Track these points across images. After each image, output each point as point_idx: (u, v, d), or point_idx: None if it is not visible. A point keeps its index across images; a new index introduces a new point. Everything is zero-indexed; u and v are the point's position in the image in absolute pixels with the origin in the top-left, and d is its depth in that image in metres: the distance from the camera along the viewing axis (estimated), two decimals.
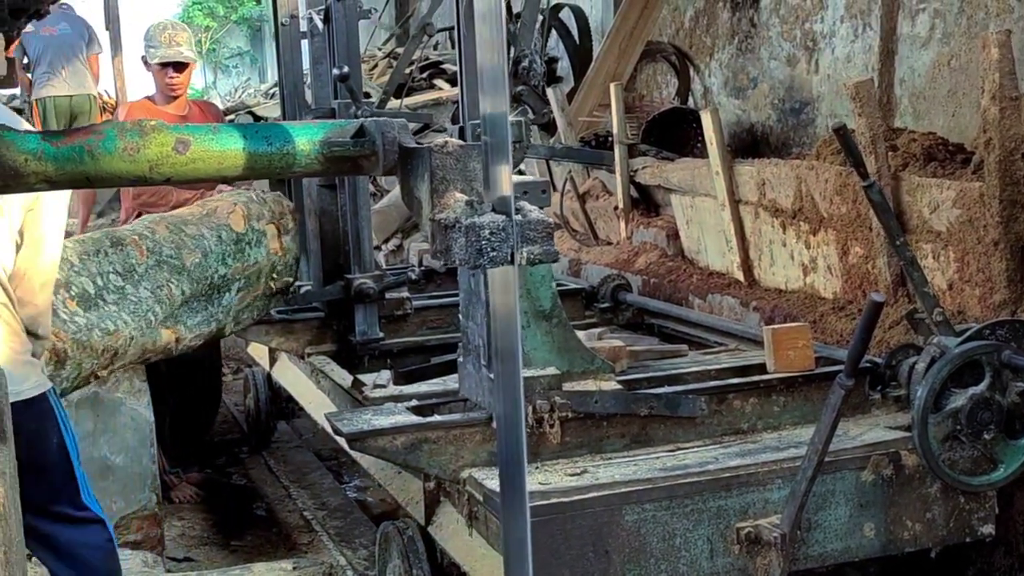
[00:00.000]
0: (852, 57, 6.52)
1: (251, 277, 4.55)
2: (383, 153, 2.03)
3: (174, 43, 5.40)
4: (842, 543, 3.25)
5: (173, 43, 5.40)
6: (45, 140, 1.95)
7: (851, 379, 3.05)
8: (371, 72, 11.36)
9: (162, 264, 4.13)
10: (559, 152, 6.94)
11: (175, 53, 5.38)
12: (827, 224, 4.82)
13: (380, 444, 3.30)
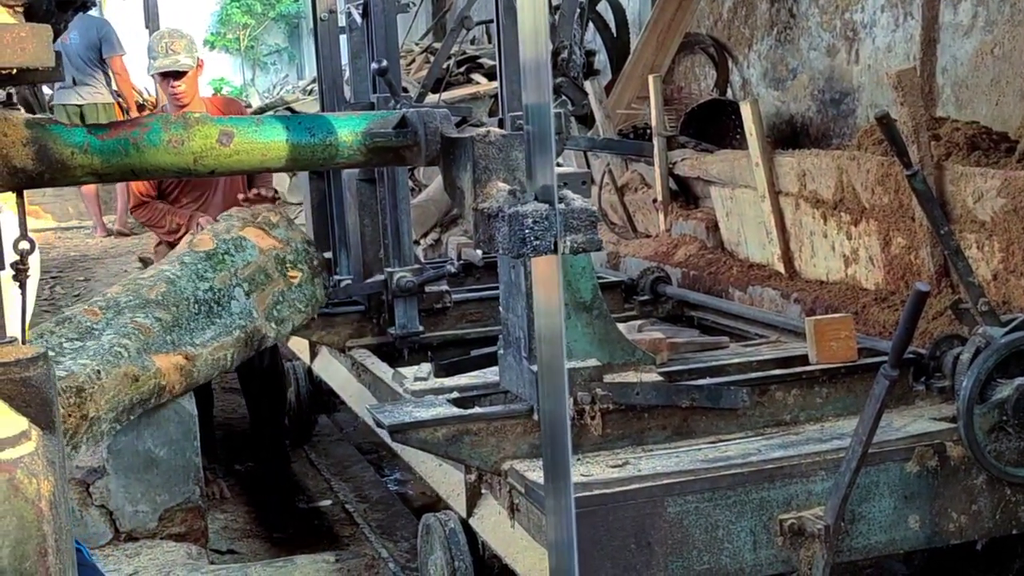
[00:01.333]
0: (893, 46, 6.46)
1: (256, 277, 4.52)
2: (425, 143, 2.04)
3: (171, 51, 5.36)
4: (886, 535, 3.22)
5: (170, 52, 5.36)
6: (91, 133, 1.97)
7: (895, 370, 3.02)
8: (408, 67, 11.37)
9: (122, 311, 4.06)
10: (598, 143, 6.93)
11: (171, 63, 5.34)
12: (869, 215, 4.78)
13: (421, 436, 3.31)
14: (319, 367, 5.77)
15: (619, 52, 8.70)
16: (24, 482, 1.40)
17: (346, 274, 5.47)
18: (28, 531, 1.40)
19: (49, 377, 1.71)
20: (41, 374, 1.70)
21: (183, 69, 5.34)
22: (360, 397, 4.87)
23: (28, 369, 1.68)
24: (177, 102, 5.43)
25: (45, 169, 1.95)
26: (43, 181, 1.98)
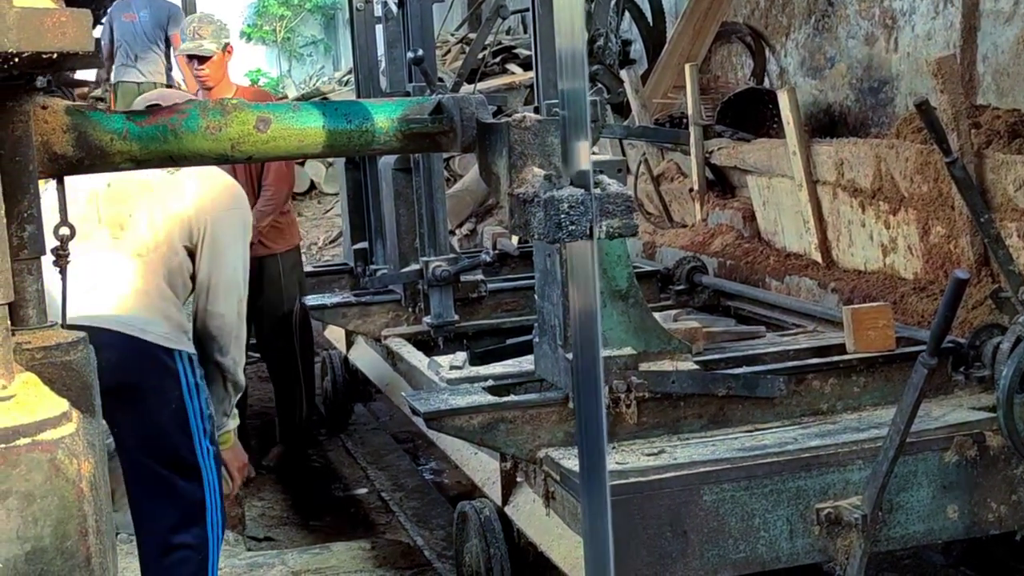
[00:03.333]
0: (933, 34, 6.40)
1: None
2: (461, 129, 2.04)
3: (197, 36, 5.43)
4: (925, 525, 3.20)
5: (196, 36, 5.43)
6: (130, 120, 1.98)
7: (934, 358, 2.99)
8: (444, 57, 11.38)
9: None
10: (635, 131, 6.90)
11: (195, 47, 5.40)
12: (907, 203, 4.74)
13: (457, 423, 3.31)
14: (355, 356, 5.79)
15: (655, 41, 8.66)
16: (65, 462, 1.41)
17: (382, 263, 5.49)
18: (69, 511, 1.41)
19: (89, 361, 1.73)
20: (81, 358, 1.72)
21: (205, 54, 5.39)
22: (396, 386, 4.90)
23: (69, 353, 1.70)
24: (202, 84, 5.50)
25: (85, 156, 1.97)
26: (83, 168, 2.00)
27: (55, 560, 1.41)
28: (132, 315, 3.10)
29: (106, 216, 3.20)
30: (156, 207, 3.22)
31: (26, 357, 1.65)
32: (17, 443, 1.40)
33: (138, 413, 3.12)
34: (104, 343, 3.02)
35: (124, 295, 3.12)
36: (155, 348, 3.11)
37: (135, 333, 3.09)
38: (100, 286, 3.10)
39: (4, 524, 1.38)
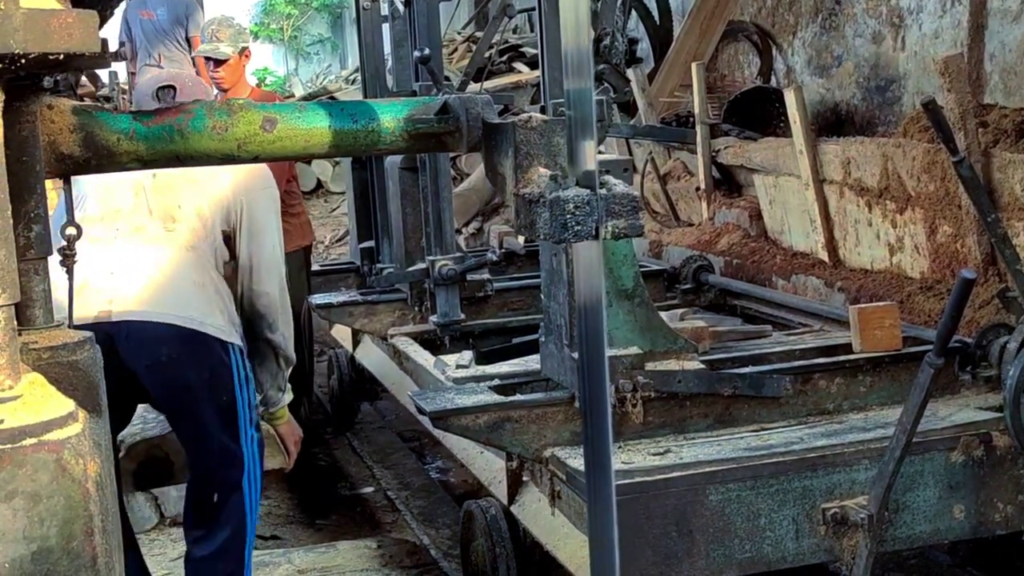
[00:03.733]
0: (940, 33, 6.39)
1: None
2: (467, 129, 2.04)
3: (215, 39, 5.48)
4: (931, 525, 3.19)
5: (214, 39, 5.48)
6: (136, 120, 1.99)
7: (941, 358, 2.99)
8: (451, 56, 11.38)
9: None
10: (641, 130, 6.90)
11: (211, 49, 5.45)
12: (914, 202, 4.73)
13: (463, 423, 3.32)
14: (361, 355, 5.80)
15: (662, 40, 8.65)
16: (71, 462, 1.42)
17: (388, 262, 5.49)
18: (75, 511, 1.42)
19: (95, 361, 1.74)
20: (88, 358, 1.72)
21: (221, 57, 5.42)
22: (402, 385, 4.90)
23: (75, 353, 1.71)
24: (218, 86, 5.52)
25: (92, 156, 1.97)
26: (89, 168, 2.00)
27: (61, 560, 1.41)
28: (191, 308, 3.16)
29: (156, 208, 3.24)
30: (201, 196, 3.28)
31: (33, 357, 1.65)
32: (23, 443, 1.41)
33: (189, 409, 3.19)
34: (162, 336, 3.11)
35: (182, 288, 3.18)
36: (213, 341, 3.18)
37: (194, 326, 3.14)
38: (157, 279, 3.16)
39: (10, 524, 1.38)
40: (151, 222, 3.23)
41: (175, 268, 3.19)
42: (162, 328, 3.10)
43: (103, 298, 3.11)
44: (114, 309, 3.10)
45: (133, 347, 3.10)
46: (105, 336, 3.08)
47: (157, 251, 3.20)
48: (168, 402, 3.22)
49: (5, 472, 1.38)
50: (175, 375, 3.13)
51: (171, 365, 3.12)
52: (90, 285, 3.11)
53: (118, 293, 3.11)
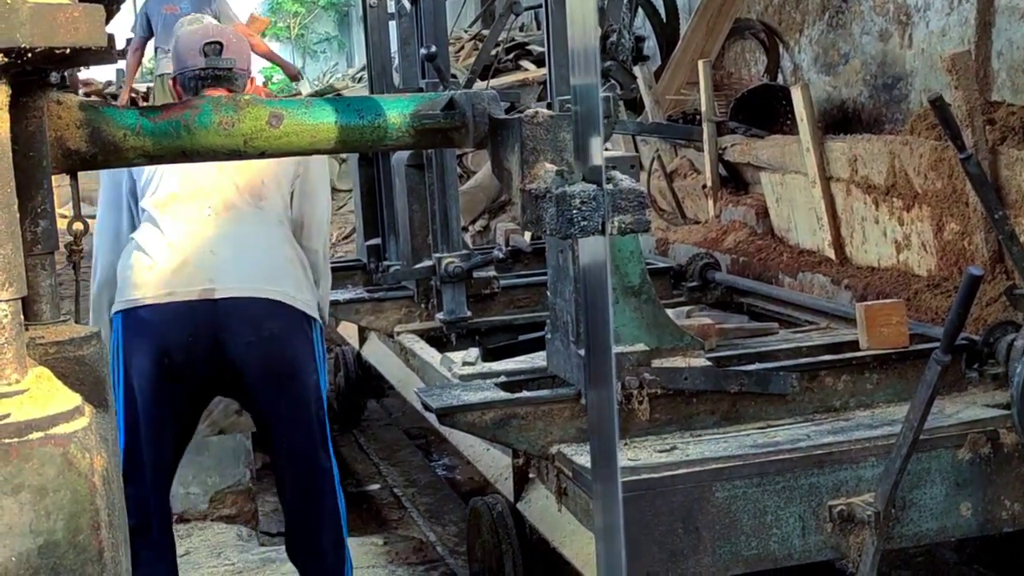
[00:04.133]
0: (947, 30, 6.37)
1: None
2: (473, 125, 2.03)
3: None
4: (938, 522, 3.19)
5: None
6: (143, 116, 1.99)
7: (947, 355, 2.98)
8: (457, 54, 11.37)
9: None
10: (648, 127, 6.89)
11: None
12: (921, 200, 4.72)
13: (469, 419, 3.32)
14: (368, 352, 5.80)
15: (668, 38, 8.65)
16: (77, 456, 1.42)
17: (395, 259, 5.49)
18: (81, 504, 1.42)
19: (102, 356, 1.74)
20: (94, 353, 1.72)
21: None
22: (408, 382, 4.90)
23: (82, 348, 1.71)
24: None
25: (98, 151, 1.97)
26: (96, 163, 2.00)
27: (68, 554, 1.41)
28: (285, 283, 3.23)
29: (243, 185, 3.28)
30: (279, 169, 3.33)
31: (39, 352, 1.65)
32: (30, 437, 1.41)
33: (288, 386, 3.24)
34: (265, 312, 3.16)
35: (277, 264, 3.25)
36: (302, 316, 3.27)
37: (289, 301, 3.22)
38: (254, 255, 3.22)
39: (17, 518, 1.38)
40: (240, 199, 3.27)
41: (269, 244, 3.27)
42: (265, 304, 3.18)
43: (205, 277, 3.16)
44: (217, 287, 3.16)
45: (236, 324, 3.16)
46: (208, 315, 3.13)
47: (251, 228, 3.26)
48: (269, 380, 3.23)
49: (12, 466, 1.38)
50: (279, 351, 3.19)
51: (274, 341, 3.19)
52: (191, 264, 3.16)
53: (219, 271, 3.17)
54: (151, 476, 3.20)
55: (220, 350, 3.17)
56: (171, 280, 3.14)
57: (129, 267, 3.20)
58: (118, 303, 3.22)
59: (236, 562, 4.13)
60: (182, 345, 3.15)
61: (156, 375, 3.16)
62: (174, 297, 3.14)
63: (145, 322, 3.15)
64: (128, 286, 3.19)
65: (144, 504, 3.20)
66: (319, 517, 3.34)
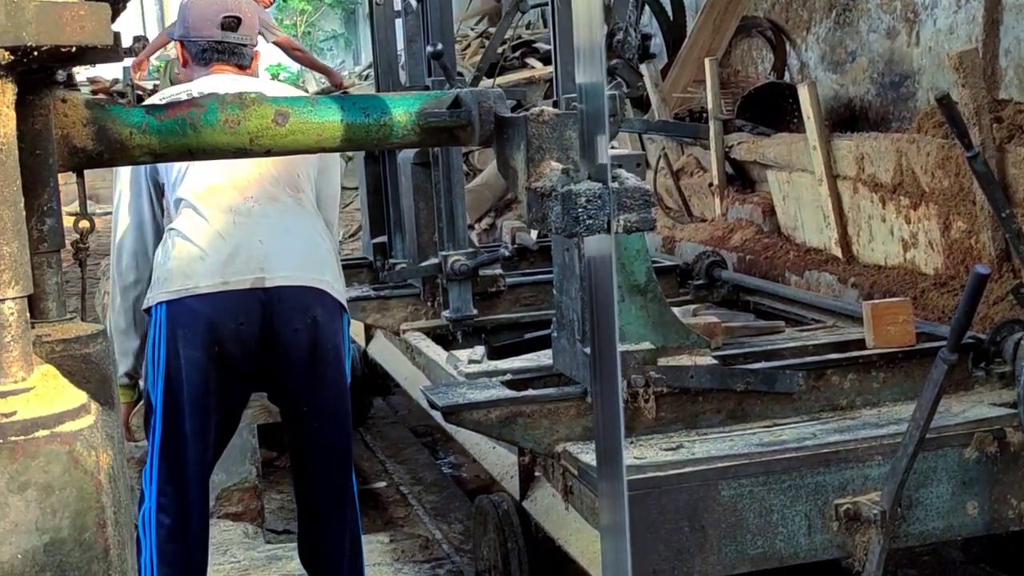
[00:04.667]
0: (955, 28, 6.36)
1: None
2: (479, 123, 2.03)
3: None
4: (944, 521, 3.18)
5: None
6: (149, 114, 1.99)
7: (954, 354, 2.98)
8: (464, 52, 11.37)
9: None
10: (654, 126, 6.89)
11: None
12: (928, 198, 4.71)
13: (475, 417, 3.32)
14: (374, 350, 5.80)
15: (675, 35, 8.64)
16: (83, 454, 1.42)
17: (401, 258, 5.49)
18: (87, 502, 1.42)
19: (108, 354, 1.74)
20: (100, 351, 1.73)
21: None
22: (414, 380, 4.90)
23: (88, 346, 1.71)
24: None
25: (104, 149, 1.97)
26: (102, 161, 2.00)
27: (73, 551, 1.41)
28: (327, 272, 3.27)
29: (281, 177, 3.30)
30: (308, 162, 3.35)
31: (45, 350, 1.66)
32: (36, 435, 1.41)
33: (331, 373, 3.27)
34: (313, 300, 3.20)
35: (319, 253, 3.28)
36: (340, 306, 3.30)
37: (329, 289, 3.25)
38: (300, 245, 3.25)
39: (23, 515, 1.39)
40: (280, 191, 3.29)
41: (311, 234, 3.30)
42: (311, 292, 3.21)
43: (256, 265, 3.18)
44: (267, 275, 3.18)
45: (287, 311, 3.18)
46: (259, 303, 3.15)
47: (294, 219, 3.28)
48: (314, 367, 3.24)
49: (18, 463, 1.39)
50: (325, 338, 3.22)
51: (320, 328, 3.22)
52: (242, 253, 3.18)
53: (269, 260, 3.19)
54: (194, 472, 3.19)
55: (268, 338, 3.18)
56: (223, 270, 3.15)
57: (173, 258, 3.18)
58: (161, 293, 3.18)
59: (242, 560, 4.14)
60: (232, 333, 3.16)
61: (206, 365, 3.15)
62: (227, 286, 3.14)
63: (196, 311, 3.14)
64: (174, 276, 3.17)
65: (186, 501, 3.19)
66: (342, 520, 3.33)
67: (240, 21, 3.27)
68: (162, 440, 3.15)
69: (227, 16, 3.23)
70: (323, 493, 3.35)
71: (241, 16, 3.28)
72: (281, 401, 3.38)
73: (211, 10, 3.32)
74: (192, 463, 3.18)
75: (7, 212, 1.47)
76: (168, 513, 3.18)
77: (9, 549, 1.38)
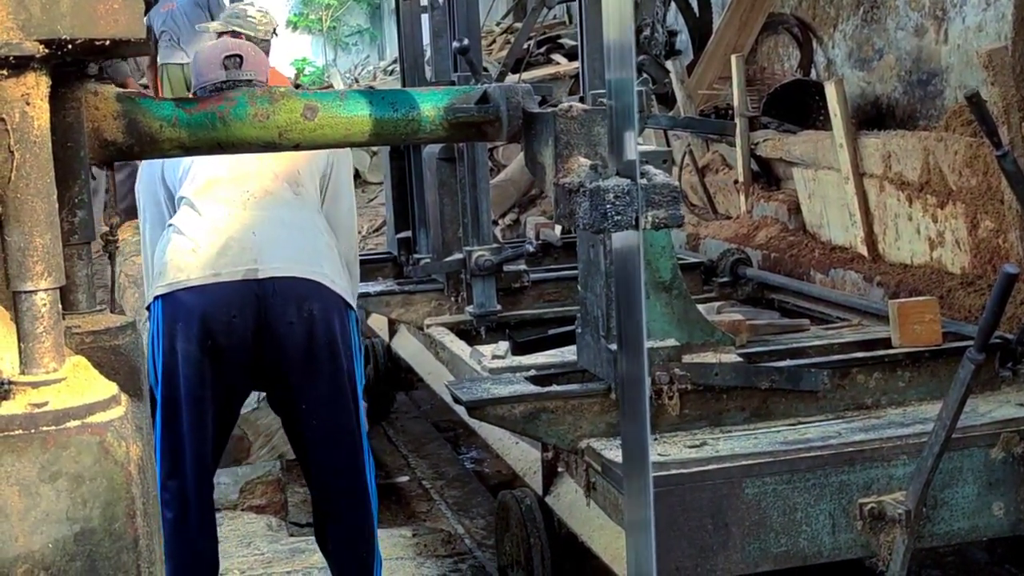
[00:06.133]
0: (984, 25, 6.31)
1: None
2: (507, 118, 2.03)
3: None
4: (969, 522, 3.17)
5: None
6: (179, 107, 2.00)
7: (981, 353, 2.96)
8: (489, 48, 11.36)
9: None
10: (681, 122, 6.87)
11: (241, 10, 5.48)
12: (956, 197, 4.69)
13: (499, 412, 3.32)
14: (398, 345, 5.82)
15: (701, 32, 8.61)
16: (114, 445, 1.43)
17: (425, 253, 5.50)
18: (117, 493, 1.43)
19: (137, 346, 1.75)
20: (130, 342, 1.74)
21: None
22: (438, 375, 4.91)
23: (117, 337, 1.72)
24: None
25: (135, 142, 1.98)
26: (132, 154, 2.01)
27: (103, 541, 1.43)
28: (326, 267, 3.27)
29: (281, 172, 3.32)
30: (312, 162, 3.37)
31: (76, 341, 1.67)
32: (67, 425, 1.42)
33: (327, 368, 3.25)
34: (308, 292, 3.21)
35: (318, 248, 3.28)
36: (342, 302, 3.29)
37: (329, 284, 3.25)
38: (296, 238, 3.26)
39: (54, 505, 1.40)
40: (278, 186, 3.31)
41: (310, 228, 3.31)
42: (308, 284, 3.21)
43: (249, 257, 3.20)
44: (260, 267, 3.19)
45: (281, 304, 3.19)
46: (252, 295, 3.16)
47: (291, 212, 3.30)
48: (309, 361, 3.24)
49: (49, 453, 1.40)
50: (320, 331, 3.21)
51: (316, 321, 3.21)
52: (235, 244, 3.19)
53: (262, 252, 3.20)
54: (192, 467, 3.21)
55: (262, 330, 3.18)
56: (215, 261, 3.16)
57: (168, 252, 3.22)
58: (157, 288, 3.22)
59: (266, 552, 4.15)
60: (225, 326, 3.16)
61: (200, 358, 3.16)
62: (219, 278, 3.15)
63: (188, 304, 3.15)
64: (168, 270, 3.20)
65: (185, 495, 3.21)
66: (352, 506, 3.34)
67: (242, 59, 3.31)
68: (162, 435, 3.17)
69: (228, 56, 3.29)
70: (328, 482, 3.37)
71: (243, 55, 3.32)
72: (279, 396, 3.39)
73: (213, 54, 3.40)
74: (190, 457, 3.20)
75: (41, 204, 1.48)
76: (170, 507, 3.20)
77: (40, 538, 1.39)
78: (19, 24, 1.39)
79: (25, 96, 1.45)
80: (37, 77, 1.46)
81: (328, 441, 3.32)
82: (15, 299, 1.48)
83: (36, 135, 1.47)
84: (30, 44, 1.40)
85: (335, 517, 3.37)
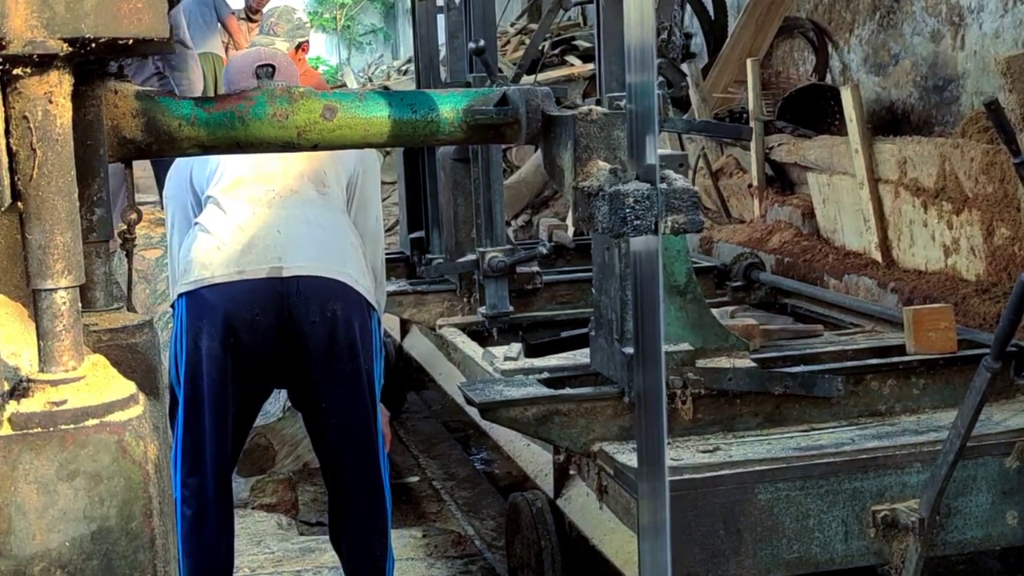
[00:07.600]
0: (1001, 32, 6.30)
1: None
2: (526, 121, 2.03)
3: (272, 32, 5.56)
4: (983, 530, 3.15)
5: (271, 32, 5.56)
6: (198, 106, 2.00)
7: (997, 362, 2.94)
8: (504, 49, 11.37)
9: None
10: (696, 126, 6.86)
11: (267, 42, 5.48)
12: (972, 204, 4.67)
13: (511, 414, 3.31)
14: (409, 345, 5.81)
15: (716, 35, 8.60)
16: (132, 444, 1.43)
17: (438, 253, 5.50)
18: (135, 492, 1.43)
19: (154, 344, 1.75)
20: (146, 341, 1.74)
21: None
22: (450, 375, 4.90)
23: (134, 336, 1.72)
24: None
25: (153, 141, 1.99)
26: (151, 152, 2.02)
27: (120, 540, 1.42)
28: (350, 267, 3.26)
29: (307, 172, 3.32)
30: (339, 163, 3.38)
31: (93, 339, 1.67)
32: (86, 424, 1.42)
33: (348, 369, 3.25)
34: (333, 292, 3.21)
35: (342, 248, 3.28)
36: (366, 303, 3.28)
37: (354, 284, 3.24)
38: (321, 237, 3.25)
39: (72, 503, 1.40)
40: (304, 185, 3.31)
41: (335, 228, 3.30)
42: (332, 284, 3.20)
43: (273, 255, 3.19)
44: (285, 265, 3.19)
45: (304, 302, 3.18)
46: (276, 293, 3.16)
47: (317, 211, 3.29)
48: (330, 360, 3.24)
49: (67, 452, 1.40)
50: (343, 331, 3.21)
51: (339, 321, 3.21)
52: (259, 243, 3.19)
53: (287, 251, 3.20)
54: (212, 465, 3.21)
55: (285, 329, 3.18)
56: (239, 259, 3.16)
57: (194, 250, 3.22)
58: (181, 285, 3.22)
59: (276, 551, 4.16)
60: (248, 323, 3.16)
61: (223, 356, 3.16)
62: (243, 276, 3.15)
63: (212, 302, 3.15)
64: (193, 267, 3.20)
65: (205, 493, 3.21)
66: (367, 504, 3.34)
67: (275, 69, 3.31)
68: (184, 432, 3.17)
69: (260, 65, 3.28)
70: (346, 486, 3.37)
71: (275, 64, 3.32)
72: (299, 394, 3.39)
73: (245, 63, 3.39)
74: (211, 456, 3.20)
75: (62, 202, 1.48)
76: (190, 505, 3.20)
77: (57, 536, 1.39)
78: (43, 22, 1.39)
79: (48, 94, 1.45)
80: (60, 75, 1.46)
81: (345, 440, 3.32)
82: (35, 297, 1.48)
83: (58, 133, 1.47)
84: (54, 42, 1.40)
85: (351, 515, 3.37)
